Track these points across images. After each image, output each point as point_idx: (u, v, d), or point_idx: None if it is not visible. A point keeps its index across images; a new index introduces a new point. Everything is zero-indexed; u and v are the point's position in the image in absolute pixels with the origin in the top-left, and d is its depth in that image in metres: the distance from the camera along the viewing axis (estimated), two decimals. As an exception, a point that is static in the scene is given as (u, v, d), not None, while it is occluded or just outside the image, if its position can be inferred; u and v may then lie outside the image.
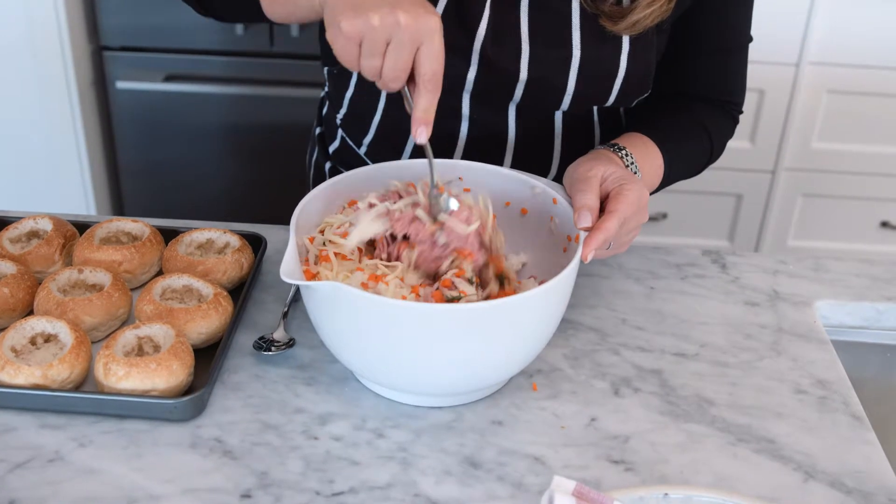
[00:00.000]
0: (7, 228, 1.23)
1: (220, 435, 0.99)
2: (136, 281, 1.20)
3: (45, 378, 0.99)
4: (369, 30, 0.91)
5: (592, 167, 1.09)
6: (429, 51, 0.93)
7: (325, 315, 0.98)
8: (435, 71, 0.94)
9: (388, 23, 0.91)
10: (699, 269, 1.32)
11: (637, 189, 1.07)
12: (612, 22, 1.19)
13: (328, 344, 1.02)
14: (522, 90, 1.24)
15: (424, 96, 0.95)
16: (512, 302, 0.94)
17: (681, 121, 1.31)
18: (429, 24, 0.92)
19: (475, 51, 1.21)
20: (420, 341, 0.94)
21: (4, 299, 1.11)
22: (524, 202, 1.16)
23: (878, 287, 1.30)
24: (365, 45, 0.92)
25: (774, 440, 1.02)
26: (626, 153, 1.18)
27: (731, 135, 1.38)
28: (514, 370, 1.04)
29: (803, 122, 2.75)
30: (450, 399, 1.04)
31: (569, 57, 1.22)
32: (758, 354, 1.16)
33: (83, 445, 0.97)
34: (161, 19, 2.59)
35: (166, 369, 0.99)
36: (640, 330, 1.19)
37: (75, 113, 2.68)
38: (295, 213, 1.04)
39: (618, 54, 1.22)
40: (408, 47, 0.92)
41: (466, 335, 0.94)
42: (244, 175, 2.83)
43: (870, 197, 2.85)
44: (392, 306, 0.92)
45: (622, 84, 1.24)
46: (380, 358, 0.98)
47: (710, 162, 1.37)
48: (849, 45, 2.64)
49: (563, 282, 0.97)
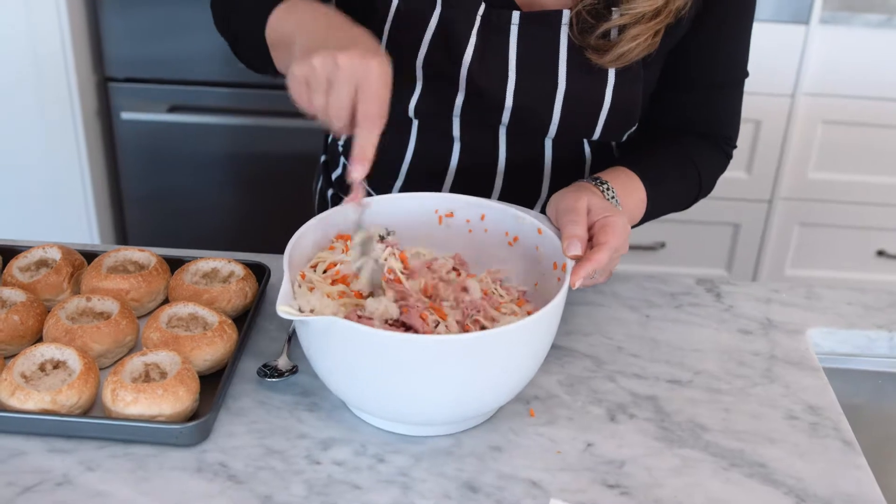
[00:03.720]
0: (17, 258, 1.26)
1: (225, 459, 1.01)
2: (142, 309, 1.23)
3: (54, 403, 1.01)
4: (311, 71, 0.98)
5: (579, 198, 1.11)
6: (365, 92, 0.99)
7: (319, 349, 1.00)
8: (368, 111, 0.99)
9: (328, 64, 0.97)
10: (694, 297, 1.35)
11: (622, 220, 1.10)
12: (598, 55, 1.22)
13: (322, 376, 1.04)
14: (509, 116, 1.27)
15: (361, 134, 1.00)
16: (495, 334, 0.96)
17: (669, 156, 1.33)
18: (366, 66, 0.98)
19: (462, 76, 1.24)
20: (408, 372, 0.96)
21: (14, 327, 1.13)
22: (512, 231, 1.18)
23: (870, 315, 1.33)
24: (310, 86, 0.99)
25: (767, 465, 1.05)
26: (607, 187, 1.20)
27: (722, 170, 1.39)
28: (502, 399, 1.05)
29: (799, 152, 2.78)
30: (444, 428, 1.06)
31: (554, 87, 1.25)
32: (751, 381, 1.18)
33: (91, 469, 0.99)
34: (165, 51, 2.63)
35: (172, 395, 1.02)
36: (636, 357, 1.21)
37: (80, 143, 2.71)
38: (287, 248, 1.06)
39: (603, 87, 1.25)
40: (345, 87, 0.98)
41: (455, 366, 0.96)
42: (247, 205, 2.85)
43: (866, 226, 2.88)
44: (383, 338, 0.94)
45: (607, 117, 1.27)
46: (372, 388, 0.99)
47: (698, 197, 1.39)
48: (843, 76, 2.67)
49: (549, 312, 0.99)
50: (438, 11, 1.23)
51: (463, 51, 1.23)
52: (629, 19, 1.18)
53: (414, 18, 1.24)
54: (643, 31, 1.19)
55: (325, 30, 1.03)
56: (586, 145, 1.35)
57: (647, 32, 1.19)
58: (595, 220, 1.09)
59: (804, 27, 2.60)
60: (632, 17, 1.18)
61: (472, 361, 0.96)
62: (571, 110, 1.26)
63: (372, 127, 0.99)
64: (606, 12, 1.20)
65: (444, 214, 1.19)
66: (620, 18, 1.19)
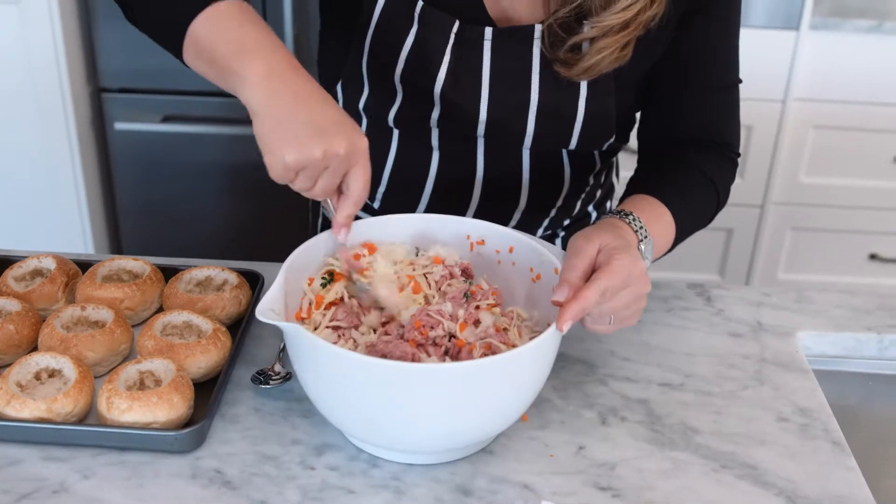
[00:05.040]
0: (11, 267, 1.27)
1: (220, 466, 1.02)
2: (137, 317, 1.23)
3: (50, 412, 1.02)
4: (312, 161, 0.98)
5: (591, 239, 1.07)
6: (358, 172, 1.01)
7: (297, 361, 1.01)
8: (363, 189, 1.03)
9: (330, 155, 0.98)
10: (685, 301, 1.36)
11: (627, 259, 1.04)
12: (566, 68, 1.22)
13: (305, 387, 1.03)
14: (485, 128, 1.28)
15: (349, 207, 1.04)
16: (468, 367, 0.94)
17: (682, 173, 1.30)
18: (360, 147, 1.01)
19: (437, 93, 1.25)
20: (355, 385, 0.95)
21: (9, 336, 1.14)
22: (536, 268, 1.15)
23: (859, 317, 1.34)
24: (304, 173, 1.00)
25: (757, 466, 1.05)
26: (633, 218, 1.16)
27: (732, 178, 1.36)
28: (486, 433, 1.03)
29: (791, 157, 2.79)
30: (429, 457, 1.04)
31: (527, 101, 1.25)
32: (741, 384, 1.19)
33: (86, 477, 1.00)
34: (158, 62, 2.61)
35: (167, 402, 1.03)
36: (628, 361, 1.22)
37: (74, 153, 2.72)
38: (287, 261, 1.06)
39: (576, 99, 1.26)
40: (341, 171, 1.01)
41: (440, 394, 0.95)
42: (241, 213, 2.86)
43: (858, 230, 2.89)
44: (348, 358, 0.93)
45: (582, 127, 1.27)
46: (347, 407, 0.99)
47: (719, 208, 1.35)
48: (833, 81, 2.69)
49: (534, 348, 0.97)
50: (415, 30, 1.23)
51: (438, 68, 1.24)
52: (598, 32, 1.18)
53: (392, 34, 1.24)
54: (610, 44, 1.18)
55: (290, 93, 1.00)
56: (565, 155, 1.36)
57: (614, 45, 1.18)
58: (600, 261, 1.06)
59: (794, 33, 2.62)
60: (601, 30, 1.18)
61: (437, 391, 0.94)
62: (546, 122, 1.27)
63: (359, 202, 1.04)
64: (577, 25, 1.21)
65: (476, 241, 1.18)
66: (591, 31, 1.19)
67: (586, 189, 1.44)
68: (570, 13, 1.20)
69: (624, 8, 1.16)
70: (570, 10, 1.20)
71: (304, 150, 0.98)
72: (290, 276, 1.05)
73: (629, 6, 1.16)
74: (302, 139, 0.98)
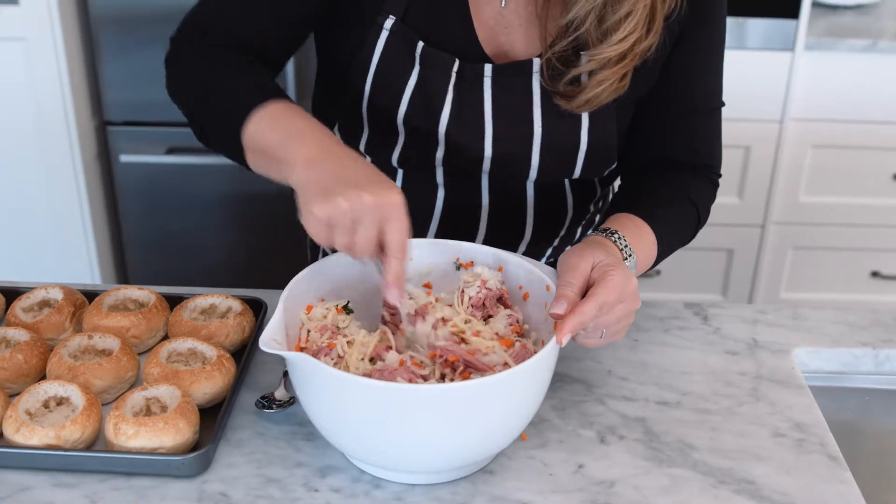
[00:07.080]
0: (20, 298, 1.29)
1: (225, 489, 1.04)
2: (143, 345, 1.26)
3: (58, 439, 1.04)
4: (338, 212, 0.99)
5: (584, 256, 1.10)
6: (394, 225, 1.01)
7: (300, 387, 1.03)
8: (401, 242, 1.02)
9: (355, 205, 0.99)
10: (682, 321, 1.38)
11: (621, 275, 1.08)
12: (567, 101, 1.24)
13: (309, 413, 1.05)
14: (490, 164, 1.30)
15: (395, 265, 1.03)
16: (469, 387, 0.96)
17: (664, 194, 1.33)
18: (391, 201, 1.01)
19: (441, 133, 1.27)
20: (359, 410, 0.97)
21: (18, 365, 1.16)
22: (525, 286, 1.17)
23: (854, 333, 1.35)
24: (337, 227, 1.01)
25: (754, 481, 1.07)
26: (618, 237, 1.19)
27: (712, 199, 1.39)
28: (487, 451, 1.05)
29: (789, 176, 2.81)
30: (431, 477, 1.06)
31: (530, 134, 1.27)
32: (738, 401, 1.21)
33: (94, 502, 1.01)
34: (162, 95, 2.62)
35: (173, 428, 1.05)
36: (625, 380, 1.24)
37: (80, 186, 2.74)
38: (284, 293, 1.08)
39: (578, 130, 1.28)
40: (374, 224, 1.00)
41: (440, 415, 0.96)
42: (245, 243, 2.88)
43: (859, 248, 2.90)
44: (349, 382, 0.95)
45: (585, 157, 1.29)
46: (349, 429, 1.01)
47: (698, 229, 1.38)
48: (830, 101, 2.71)
49: (530, 366, 0.99)
50: (417, 71, 1.25)
51: (441, 108, 1.26)
52: (596, 64, 1.20)
53: (393, 77, 1.26)
54: (609, 76, 1.21)
55: (332, 162, 1.04)
56: (567, 184, 1.38)
57: (613, 77, 1.21)
58: (595, 277, 1.09)
59: (790, 54, 2.64)
60: (598, 62, 1.20)
61: (448, 411, 0.96)
62: (549, 154, 1.29)
63: (403, 257, 1.03)
64: (575, 58, 1.23)
65: (465, 264, 1.20)
66: (589, 64, 1.21)
67: (587, 216, 1.46)
68: (568, 46, 1.23)
69: (620, 40, 1.19)
70: (567, 44, 1.22)
71: (330, 200, 0.99)
72: (287, 305, 1.07)
73: (625, 38, 1.19)
74: (329, 192, 1.00)
